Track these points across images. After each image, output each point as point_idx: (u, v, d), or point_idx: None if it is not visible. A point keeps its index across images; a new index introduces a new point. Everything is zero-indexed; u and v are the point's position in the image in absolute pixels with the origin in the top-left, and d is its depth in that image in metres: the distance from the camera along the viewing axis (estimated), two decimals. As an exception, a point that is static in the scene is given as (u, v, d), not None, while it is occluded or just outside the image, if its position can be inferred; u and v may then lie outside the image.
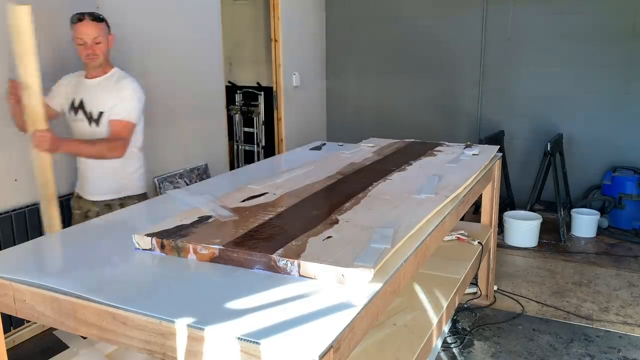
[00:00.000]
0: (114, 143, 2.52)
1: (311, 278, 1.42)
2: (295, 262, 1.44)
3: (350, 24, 5.70)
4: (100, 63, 2.58)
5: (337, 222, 1.78)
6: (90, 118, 2.59)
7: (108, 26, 2.61)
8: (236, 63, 5.97)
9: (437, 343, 2.75)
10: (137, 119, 2.61)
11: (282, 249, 1.51)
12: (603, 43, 4.70)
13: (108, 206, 2.65)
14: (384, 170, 2.55)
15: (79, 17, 2.50)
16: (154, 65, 3.69)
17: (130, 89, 2.59)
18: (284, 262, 1.45)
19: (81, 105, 2.61)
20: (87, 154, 2.56)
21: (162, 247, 1.61)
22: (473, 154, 2.95)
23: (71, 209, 2.83)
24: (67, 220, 2.72)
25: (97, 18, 2.54)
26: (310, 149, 3.47)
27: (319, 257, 1.46)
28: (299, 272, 1.43)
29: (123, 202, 2.65)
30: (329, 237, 1.63)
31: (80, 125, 2.62)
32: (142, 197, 2.74)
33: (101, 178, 2.65)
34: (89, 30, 2.49)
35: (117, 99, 2.56)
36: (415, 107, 5.55)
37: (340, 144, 3.55)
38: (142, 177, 2.79)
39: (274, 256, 1.47)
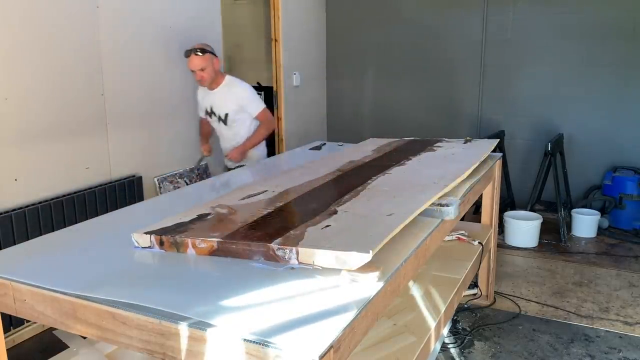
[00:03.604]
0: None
1: (310, 264, 1.41)
2: (294, 249, 1.43)
3: (351, 23, 5.70)
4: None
5: (335, 212, 1.77)
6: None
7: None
8: (236, 63, 5.97)
9: (437, 343, 2.75)
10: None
11: (280, 238, 1.50)
12: (603, 43, 4.69)
13: None
14: (384, 165, 2.55)
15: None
16: (154, 65, 3.69)
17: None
18: (283, 250, 1.44)
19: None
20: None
21: (161, 243, 1.61)
22: None
23: None
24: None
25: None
26: (310, 149, 3.47)
27: (318, 243, 1.45)
28: (297, 259, 1.43)
29: None
30: (327, 225, 1.62)
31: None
32: None
33: None
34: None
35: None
36: (415, 107, 5.55)
37: (340, 144, 3.55)
38: None
39: (272, 245, 1.46)
